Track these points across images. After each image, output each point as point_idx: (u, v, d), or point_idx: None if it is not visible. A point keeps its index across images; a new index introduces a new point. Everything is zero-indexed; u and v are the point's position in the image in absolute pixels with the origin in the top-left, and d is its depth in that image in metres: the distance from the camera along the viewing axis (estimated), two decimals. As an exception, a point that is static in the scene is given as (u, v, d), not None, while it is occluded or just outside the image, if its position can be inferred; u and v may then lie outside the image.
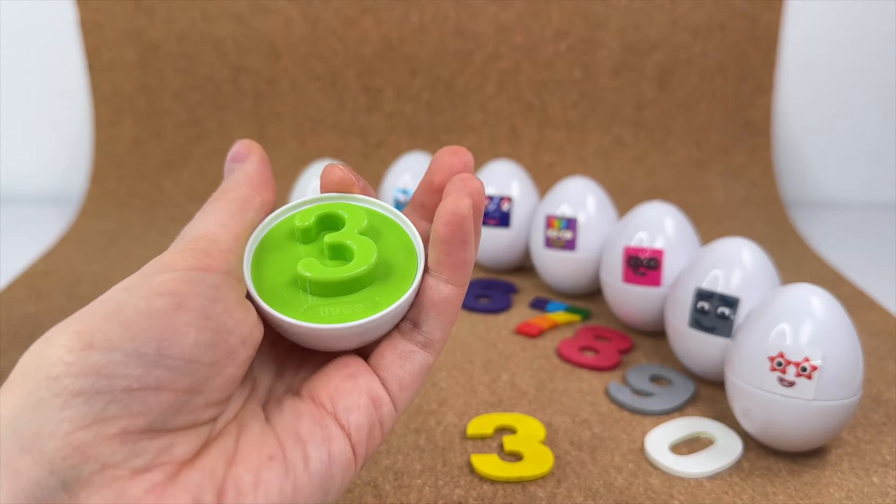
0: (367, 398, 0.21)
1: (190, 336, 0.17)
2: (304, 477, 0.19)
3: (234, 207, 0.22)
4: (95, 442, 0.16)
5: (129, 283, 0.18)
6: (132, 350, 0.16)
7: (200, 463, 0.18)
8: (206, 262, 0.19)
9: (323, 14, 0.71)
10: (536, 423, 0.36)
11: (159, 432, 0.17)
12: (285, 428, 0.20)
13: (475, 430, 0.35)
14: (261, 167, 0.23)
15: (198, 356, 0.18)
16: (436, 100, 0.73)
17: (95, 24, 0.71)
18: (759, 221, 0.68)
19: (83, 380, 0.16)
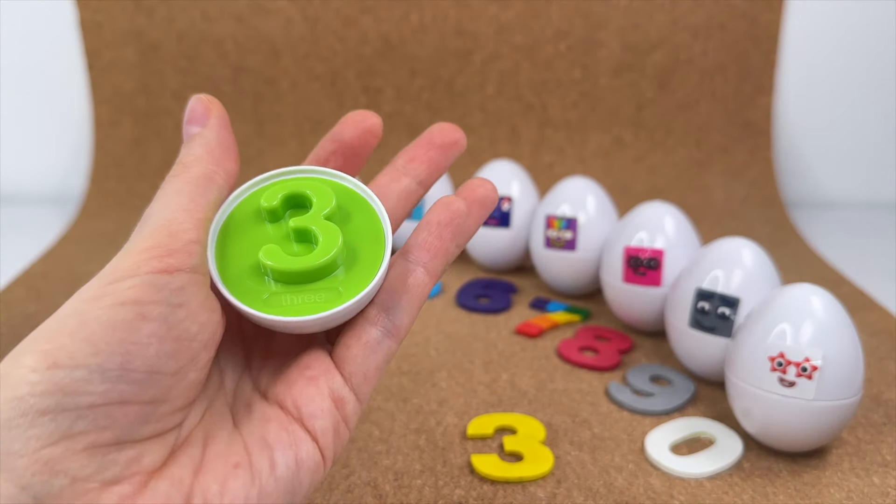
0: (329, 402, 0.21)
1: (152, 347, 0.17)
2: (270, 483, 0.19)
3: (196, 187, 0.21)
4: (64, 457, 0.16)
5: (93, 292, 0.18)
6: (96, 366, 0.17)
7: (168, 472, 0.18)
8: (167, 263, 0.19)
9: (323, 14, 0.71)
10: (536, 424, 0.36)
11: (127, 444, 0.17)
12: (252, 433, 0.20)
13: (475, 431, 0.35)
14: (221, 133, 0.22)
15: (160, 367, 0.18)
16: (436, 100, 0.73)
17: (95, 24, 0.70)
18: (760, 221, 0.68)
19: (48, 399, 0.16)
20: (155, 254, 0.19)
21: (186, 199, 0.20)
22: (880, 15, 0.72)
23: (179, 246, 0.19)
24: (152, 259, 0.18)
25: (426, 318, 0.48)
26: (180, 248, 0.19)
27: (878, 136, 0.76)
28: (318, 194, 0.22)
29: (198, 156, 0.21)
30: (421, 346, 0.44)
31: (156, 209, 0.20)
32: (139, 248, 0.19)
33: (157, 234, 0.19)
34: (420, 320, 0.48)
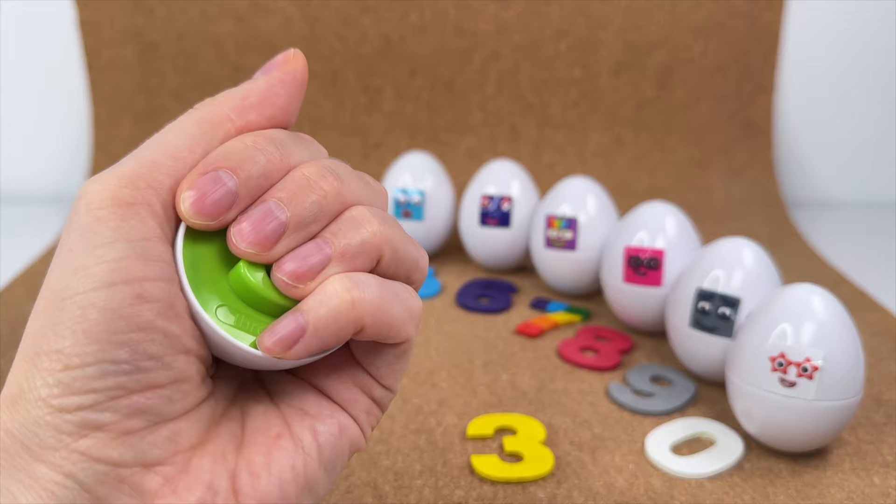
0: (356, 388, 0.21)
1: (158, 332, 0.17)
2: (313, 450, 0.19)
3: (199, 131, 0.18)
4: (100, 446, 0.16)
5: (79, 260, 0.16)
6: (106, 360, 0.16)
7: (210, 448, 0.18)
8: (152, 228, 0.17)
9: (323, 13, 0.71)
10: (537, 424, 0.36)
11: (159, 424, 0.17)
12: (290, 405, 0.20)
13: (475, 431, 0.35)
14: (274, 87, 0.20)
15: (170, 350, 0.17)
16: (436, 99, 0.73)
17: (95, 24, 0.70)
18: (760, 221, 0.68)
19: (68, 399, 0.16)
20: (136, 214, 0.17)
21: (183, 143, 0.18)
22: (880, 15, 0.72)
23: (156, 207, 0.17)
24: (135, 224, 0.17)
25: (426, 318, 0.48)
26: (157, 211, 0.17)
27: (878, 136, 0.76)
28: None
29: (228, 98, 0.19)
30: (421, 346, 0.44)
31: (148, 146, 0.18)
32: (104, 197, 0.17)
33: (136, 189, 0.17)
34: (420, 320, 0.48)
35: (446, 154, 0.72)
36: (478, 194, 0.54)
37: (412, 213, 0.56)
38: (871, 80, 0.74)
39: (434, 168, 0.57)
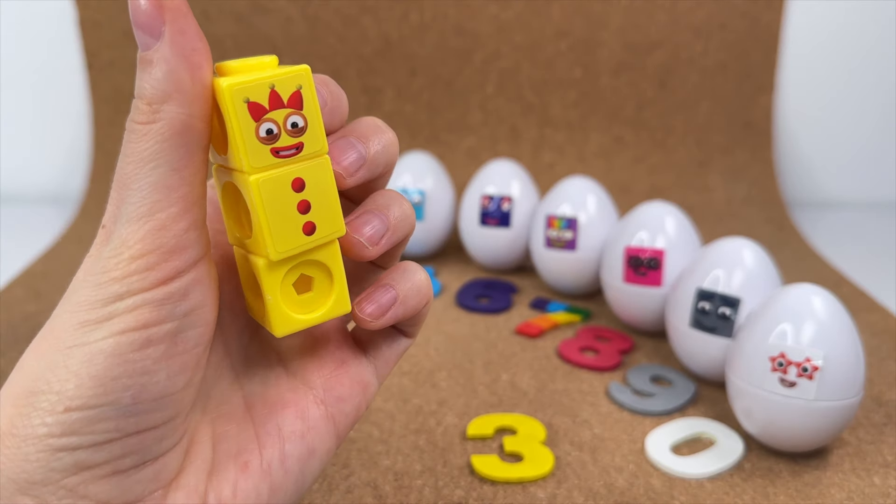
0: (357, 386, 0.22)
1: (161, 372, 0.17)
2: (279, 475, 0.20)
3: (174, 148, 0.16)
4: (87, 483, 0.17)
5: (91, 315, 0.16)
6: (108, 403, 0.16)
7: (184, 481, 0.18)
8: (165, 271, 0.17)
9: (323, 13, 0.71)
10: (537, 424, 0.35)
11: (147, 463, 0.17)
12: (265, 423, 0.20)
13: (475, 431, 0.35)
14: (179, 41, 0.16)
15: (171, 388, 0.17)
16: (436, 99, 0.73)
17: (95, 24, 0.70)
18: (760, 221, 0.68)
19: (65, 439, 0.16)
20: (150, 262, 0.17)
21: (169, 169, 0.17)
22: (880, 15, 0.72)
23: (173, 242, 0.17)
24: (148, 271, 0.17)
25: (426, 318, 0.48)
26: (174, 244, 0.17)
27: (878, 136, 0.76)
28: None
29: (163, 92, 0.16)
30: (421, 346, 0.44)
31: (133, 183, 0.17)
32: (129, 255, 0.17)
33: (143, 234, 0.17)
34: (420, 320, 0.48)
35: (446, 154, 0.72)
36: (478, 194, 0.54)
37: (412, 213, 0.55)
38: (871, 80, 0.74)
39: (434, 168, 0.57)
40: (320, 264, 0.20)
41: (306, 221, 0.19)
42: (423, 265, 0.58)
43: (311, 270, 0.20)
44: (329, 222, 0.19)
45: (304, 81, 0.18)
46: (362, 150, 0.19)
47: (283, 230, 0.18)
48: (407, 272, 0.21)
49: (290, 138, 0.18)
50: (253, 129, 0.17)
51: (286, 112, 0.18)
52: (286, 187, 0.18)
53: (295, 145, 0.18)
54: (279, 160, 0.18)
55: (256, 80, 0.17)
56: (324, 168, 0.19)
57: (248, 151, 0.17)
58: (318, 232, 0.19)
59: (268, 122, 0.18)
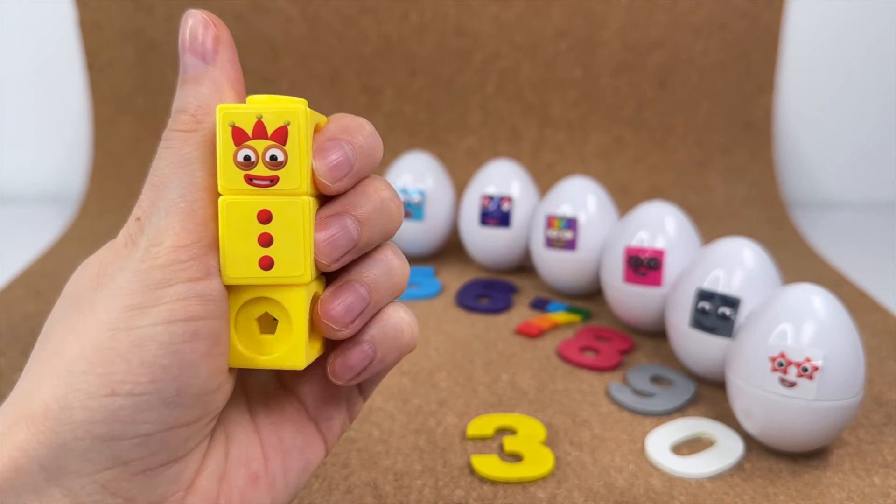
0: (344, 405, 0.22)
1: (204, 368, 0.17)
2: (281, 487, 0.20)
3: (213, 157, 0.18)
4: (120, 480, 0.16)
5: (136, 299, 0.16)
6: (155, 394, 0.16)
7: (200, 486, 0.18)
8: (206, 265, 0.17)
9: (322, 13, 0.71)
10: (537, 424, 0.35)
11: (173, 462, 0.17)
12: (269, 435, 0.21)
13: (475, 431, 0.35)
14: (232, 72, 0.18)
15: (210, 387, 0.18)
16: (436, 99, 0.73)
17: (95, 24, 0.70)
18: (760, 221, 0.68)
19: (106, 426, 0.16)
20: (191, 254, 0.17)
21: (206, 173, 0.18)
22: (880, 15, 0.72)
23: (211, 238, 0.17)
24: (191, 261, 0.17)
25: (426, 318, 0.48)
26: (212, 241, 0.17)
27: (878, 136, 0.76)
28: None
29: (208, 105, 0.18)
30: (421, 346, 0.44)
31: (172, 182, 0.18)
32: (171, 244, 0.17)
33: (184, 225, 0.17)
34: (420, 320, 0.48)
35: (446, 154, 0.72)
36: (478, 194, 0.54)
37: (412, 213, 0.56)
38: (872, 80, 0.74)
39: (434, 168, 0.57)
40: (285, 309, 0.19)
41: (264, 255, 0.18)
42: (423, 265, 0.58)
43: (276, 312, 0.19)
44: (291, 264, 0.18)
45: (293, 119, 0.18)
46: (349, 154, 0.19)
47: (238, 256, 0.18)
48: (385, 324, 0.20)
49: (266, 169, 0.18)
50: (232, 152, 0.18)
51: (267, 143, 0.18)
52: (250, 215, 0.18)
53: (270, 177, 0.18)
54: (251, 188, 0.18)
55: (246, 108, 0.18)
56: (297, 208, 0.18)
57: (224, 173, 0.18)
58: (275, 269, 0.18)
59: (247, 148, 0.18)
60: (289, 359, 0.19)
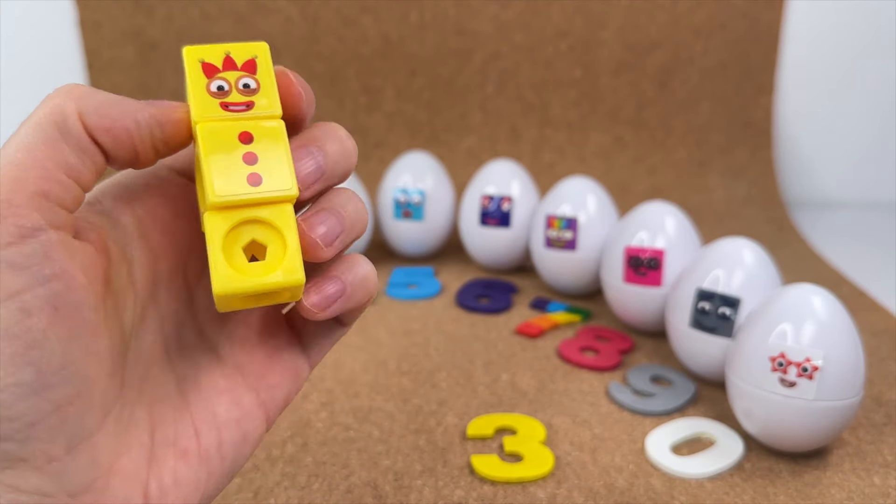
0: (289, 373, 0.22)
1: (52, 342, 0.16)
2: (216, 461, 0.20)
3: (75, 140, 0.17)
4: (26, 476, 0.16)
5: None
6: (14, 385, 0.15)
7: (124, 467, 0.18)
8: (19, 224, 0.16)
9: (322, 13, 0.71)
10: (537, 424, 0.35)
11: (79, 447, 0.17)
12: (201, 410, 0.20)
13: (475, 431, 0.35)
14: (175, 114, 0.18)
15: (71, 357, 0.16)
16: (436, 99, 0.73)
17: (95, 24, 0.70)
18: (760, 221, 0.68)
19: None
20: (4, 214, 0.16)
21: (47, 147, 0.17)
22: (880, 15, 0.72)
23: (23, 200, 0.16)
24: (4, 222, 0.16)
25: (426, 318, 0.48)
26: (24, 202, 0.16)
27: (878, 136, 0.76)
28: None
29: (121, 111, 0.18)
30: (421, 346, 0.44)
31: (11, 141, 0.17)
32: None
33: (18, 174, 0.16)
34: (420, 320, 0.48)
35: (446, 154, 0.72)
36: (478, 194, 0.54)
37: (412, 213, 0.56)
38: (872, 80, 0.74)
39: (434, 168, 0.57)
40: (273, 230, 0.19)
41: (252, 172, 0.18)
42: (423, 265, 0.58)
43: (265, 236, 0.19)
44: (278, 179, 0.19)
45: (259, 53, 0.19)
46: (321, 161, 0.19)
47: (226, 175, 0.18)
48: (354, 265, 0.21)
49: (240, 96, 0.19)
50: (204, 84, 0.19)
51: (238, 74, 0.19)
52: (232, 137, 0.19)
53: (245, 103, 0.19)
54: (228, 113, 0.19)
55: (213, 46, 0.19)
56: (276, 131, 0.19)
57: (197, 104, 0.18)
58: (264, 185, 0.18)
59: (219, 79, 0.19)
60: (288, 275, 0.19)
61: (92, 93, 0.18)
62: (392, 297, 0.51)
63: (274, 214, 0.19)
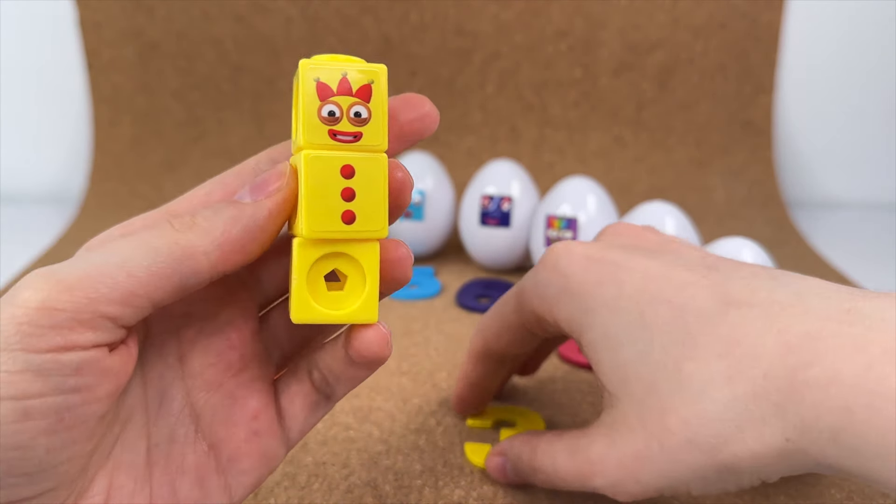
0: (263, 459, 0.21)
1: (40, 448, 0.15)
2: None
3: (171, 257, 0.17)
4: None
5: None
6: None
7: None
8: (67, 337, 0.15)
9: (322, 13, 0.71)
10: (536, 417, 0.35)
11: None
12: (162, 485, 0.19)
13: (474, 423, 0.35)
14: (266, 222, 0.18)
15: (51, 463, 0.16)
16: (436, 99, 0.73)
17: (95, 24, 0.70)
18: (760, 221, 0.68)
19: None
20: (61, 321, 0.15)
21: (144, 263, 0.16)
22: (880, 15, 0.72)
23: (87, 318, 0.15)
24: (53, 329, 0.15)
25: (426, 318, 0.48)
26: (88, 321, 0.16)
27: (878, 136, 0.76)
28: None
29: (212, 226, 0.18)
30: (421, 346, 0.44)
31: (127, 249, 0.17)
32: (43, 301, 0.15)
33: (85, 291, 0.15)
34: (420, 320, 0.48)
35: (446, 154, 0.72)
36: (478, 194, 0.54)
37: (412, 213, 0.56)
38: (871, 80, 0.74)
39: (434, 168, 0.57)
40: (356, 263, 0.19)
41: (347, 209, 0.18)
42: (423, 265, 0.58)
43: (347, 268, 0.19)
44: (371, 219, 0.19)
45: (377, 78, 0.19)
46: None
47: (322, 211, 0.18)
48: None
49: (350, 125, 0.18)
50: (317, 107, 0.18)
51: (352, 100, 0.19)
52: (334, 170, 0.18)
53: (354, 133, 0.18)
54: (335, 143, 0.18)
55: (331, 65, 0.19)
56: (379, 164, 0.19)
57: (308, 128, 0.18)
58: (357, 224, 0.19)
59: (331, 104, 0.18)
60: (363, 313, 0.19)
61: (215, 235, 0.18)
62: (392, 297, 0.51)
63: (360, 252, 0.19)
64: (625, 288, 0.22)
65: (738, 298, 0.19)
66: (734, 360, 0.18)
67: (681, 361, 0.19)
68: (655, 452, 0.20)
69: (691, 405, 0.19)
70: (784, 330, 0.18)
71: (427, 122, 0.21)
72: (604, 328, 0.22)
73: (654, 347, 0.20)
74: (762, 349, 0.18)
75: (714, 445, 0.18)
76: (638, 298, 0.21)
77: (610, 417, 0.22)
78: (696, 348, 0.19)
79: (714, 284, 0.20)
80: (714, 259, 0.22)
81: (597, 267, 0.23)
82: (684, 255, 0.23)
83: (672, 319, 0.20)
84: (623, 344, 0.21)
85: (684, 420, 0.19)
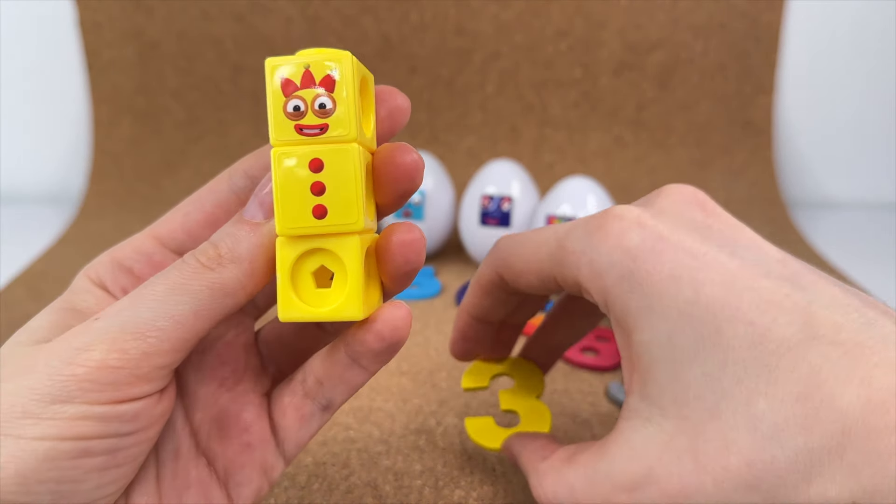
0: (259, 470, 0.21)
1: (91, 482, 0.16)
2: None
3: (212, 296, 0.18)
4: None
5: (30, 407, 0.16)
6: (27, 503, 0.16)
7: None
8: (124, 393, 0.16)
9: (323, 13, 0.71)
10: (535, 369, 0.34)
11: None
12: (171, 498, 0.20)
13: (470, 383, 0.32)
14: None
15: (96, 496, 0.17)
16: (436, 99, 0.73)
17: (95, 24, 0.70)
18: (761, 221, 0.68)
19: None
20: (119, 378, 0.16)
21: (188, 308, 0.17)
22: (880, 15, 0.72)
23: (145, 372, 0.17)
24: (111, 386, 0.16)
25: (426, 318, 0.48)
26: (145, 374, 0.17)
27: (878, 136, 0.76)
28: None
29: (239, 257, 0.18)
30: (421, 346, 0.44)
31: (154, 303, 0.17)
32: (101, 360, 0.16)
33: (133, 350, 0.17)
34: (420, 320, 0.48)
35: (446, 154, 0.72)
36: (478, 194, 0.54)
37: (412, 213, 0.56)
38: (872, 80, 0.74)
39: (434, 168, 0.57)
40: (339, 259, 0.19)
41: (317, 204, 0.18)
42: (424, 265, 0.58)
43: (332, 265, 0.19)
44: (344, 212, 0.18)
45: (340, 66, 0.18)
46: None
47: (292, 207, 0.18)
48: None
49: (315, 118, 0.18)
50: (282, 103, 0.18)
51: (315, 92, 0.18)
52: (302, 165, 0.18)
53: (319, 125, 0.18)
54: (302, 138, 0.18)
55: (294, 59, 0.18)
56: (348, 155, 0.18)
57: (275, 125, 0.18)
58: (328, 218, 0.18)
59: (296, 98, 0.18)
60: (346, 309, 0.19)
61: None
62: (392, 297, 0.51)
63: (338, 246, 0.19)
64: (703, 293, 0.19)
65: (821, 333, 0.17)
66: (813, 407, 0.17)
67: (754, 396, 0.17)
68: (708, 490, 0.18)
69: (760, 449, 0.17)
70: (866, 381, 0.17)
71: (398, 117, 0.20)
72: (670, 335, 0.19)
73: (725, 373, 0.18)
74: (843, 401, 0.17)
75: (775, 495, 0.17)
76: (717, 311, 0.19)
77: (643, 437, 0.20)
78: (773, 385, 0.17)
79: (798, 308, 0.18)
80: (791, 266, 0.20)
81: (671, 255, 0.20)
82: (760, 252, 0.21)
83: (751, 346, 0.18)
84: (691, 360, 0.19)
85: (749, 462, 0.17)
